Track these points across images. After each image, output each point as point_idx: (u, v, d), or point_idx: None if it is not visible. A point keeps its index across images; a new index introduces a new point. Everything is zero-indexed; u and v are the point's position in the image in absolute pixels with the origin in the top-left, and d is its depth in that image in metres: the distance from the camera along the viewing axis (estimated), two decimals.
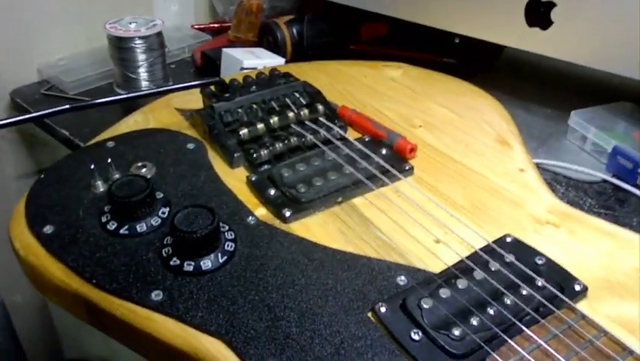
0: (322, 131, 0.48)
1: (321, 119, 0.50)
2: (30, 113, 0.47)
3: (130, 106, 0.57)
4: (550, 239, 0.38)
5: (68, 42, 0.80)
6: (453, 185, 0.44)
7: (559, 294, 0.33)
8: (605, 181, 0.54)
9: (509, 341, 0.30)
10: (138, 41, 0.68)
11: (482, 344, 0.30)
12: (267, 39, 0.78)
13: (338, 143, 0.46)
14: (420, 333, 0.31)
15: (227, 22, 0.89)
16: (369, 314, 0.33)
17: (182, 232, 0.35)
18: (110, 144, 0.48)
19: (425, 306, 0.32)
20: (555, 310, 0.32)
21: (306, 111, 0.49)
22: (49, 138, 0.69)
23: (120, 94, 0.71)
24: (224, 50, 0.72)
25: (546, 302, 0.32)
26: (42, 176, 0.44)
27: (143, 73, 0.71)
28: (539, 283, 0.33)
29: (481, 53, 0.76)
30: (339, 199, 0.41)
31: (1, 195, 0.76)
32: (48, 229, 0.39)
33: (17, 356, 0.71)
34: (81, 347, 0.91)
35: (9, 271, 0.47)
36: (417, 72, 0.61)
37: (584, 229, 0.39)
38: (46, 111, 0.43)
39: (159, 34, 0.70)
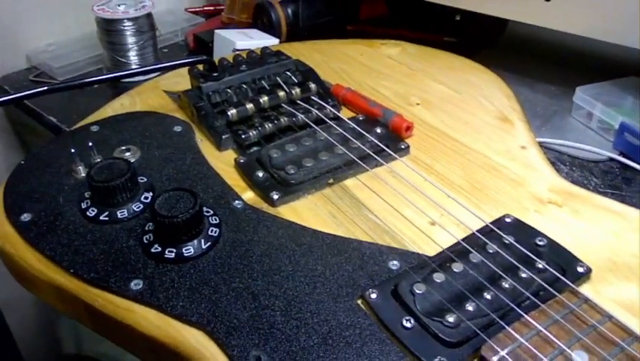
0: (314, 111, 0.46)
1: (313, 98, 0.48)
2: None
3: (121, 90, 0.55)
4: (553, 219, 0.36)
5: (58, 27, 0.78)
6: (451, 164, 0.41)
7: (560, 277, 0.31)
8: (611, 160, 0.52)
9: (507, 327, 0.28)
10: (127, 23, 0.66)
11: (478, 331, 0.28)
12: (261, 20, 0.75)
13: (331, 122, 0.44)
14: (412, 320, 0.29)
15: (222, 4, 0.86)
16: (359, 301, 0.31)
17: (162, 216, 0.33)
18: (94, 128, 0.46)
19: (418, 292, 0.30)
20: (556, 294, 0.30)
21: (297, 90, 0.47)
22: (40, 127, 0.67)
23: None
24: (217, 31, 0.70)
25: (547, 286, 0.30)
26: (22, 162, 0.43)
27: (133, 56, 0.69)
28: (540, 266, 0.31)
29: (483, 30, 0.74)
30: (331, 181, 0.39)
31: None
32: (25, 217, 0.37)
33: (9, 351, 0.70)
34: (79, 341, 0.90)
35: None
36: (415, 49, 0.59)
37: (588, 209, 0.37)
38: (25, 93, 0.41)
39: (149, 15, 0.68)
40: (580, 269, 0.32)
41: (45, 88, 0.41)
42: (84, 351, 0.89)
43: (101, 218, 0.37)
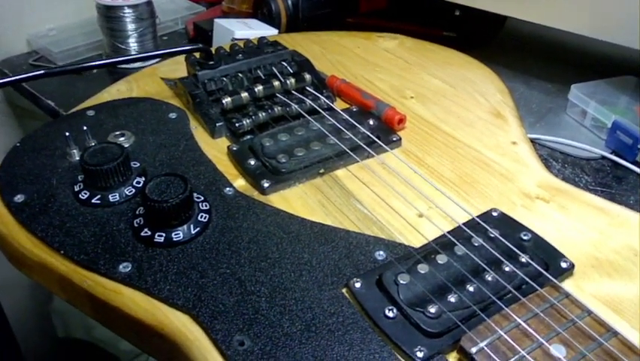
0: (308, 101, 0.46)
1: (308, 88, 0.48)
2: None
3: (119, 76, 0.55)
4: (540, 215, 0.36)
5: (59, 12, 0.78)
6: (441, 157, 0.42)
7: (543, 271, 0.31)
8: (603, 158, 0.52)
9: (487, 319, 0.28)
10: (127, 10, 0.66)
11: (458, 322, 0.29)
12: (261, 10, 0.75)
13: (324, 113, 0.45)
14: (394, 310, 0.30)
15: None
16: (344, 290, 0.31)
17: (152, 201, 0.34)
18: (90, 112, 0.47)
19: (402, 282, 0.31)
20: (538, 288, 0.30)
21: (292, 80, 0.47)
22: (39, 111, 0.67)
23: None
24: (216, 20, 0.70)
25: (529, 280, 0.31)
26: (17, 144, 0.43)
27: (132, 43, 0.69)
28: (523, 260, 0.32)
29: (482, 26, 0.74)
30: (321, 170, 0.40)
31: None
32: (19, 198, 0.38)
33: (4, 333, 0.71)
34: (73, 326, 0.91)
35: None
36: (412, 43, 0.59)
37: (574, 205, 0.37)
38: (23, 76, 0.42)
39: (149, 2, 0.68)
40: (563, 264, 0.32)
41: (43, 72, 0.41)
42: (78, 335, 0.90)
43: (93, 201, 0.37)
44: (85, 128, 0.42)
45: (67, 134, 0.41)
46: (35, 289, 0.90)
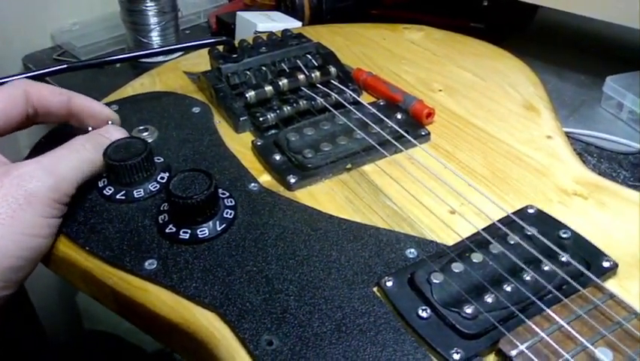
0: (334, 95, 0.45)
1: (333, 81, 0.47)
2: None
3: (142, 71, 0.55)
4: (578, 211, 0.35)
5: (82, 7, 0.78)
6: (472, 152, 0.40)
7: (585, 271, 0.30)
8: None
9: (527, 321, 0.27)
10: (149, 3, 0.66)
11: (496, 323, 0.27)
12: (284, 3, 0.74)
13: (350, 107, 0.43)
14: (428, 310, 0.28)
15: None
16: (375, 289, 0.30)
17: (177, 197, 0.33)
18: (114, 106, 0.46)
19: (435, 281, 0.29)
20: (580, 288, 0.29)
21: (317, 73, 0.46)
22: None
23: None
24: (239, 13, 0.69)
25: (570, 280, 0.29)
26: (42, 139, 0.43)
27: (155, 37, 0.68)
28: (563, 259, 0.30)
29: (511, 16, 0.72)
30: (348, 166, 0.39)
31: None
32: None
33: (34, 326, 0.71)
34: (99, 318, 0.91)
35: None
36: (439, 35, 0.57)
37: (615, 201, 0.36)
38: (46, 70, 0.41)
39: None
40: (605, 264, 0.31)
41: (65, 66, 0.41)
42: (104, 328, 0.90)
43: (118, 197, 0.36)
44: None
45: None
46: (62, 283, 0.91)
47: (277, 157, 0.39)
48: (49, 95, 0.38)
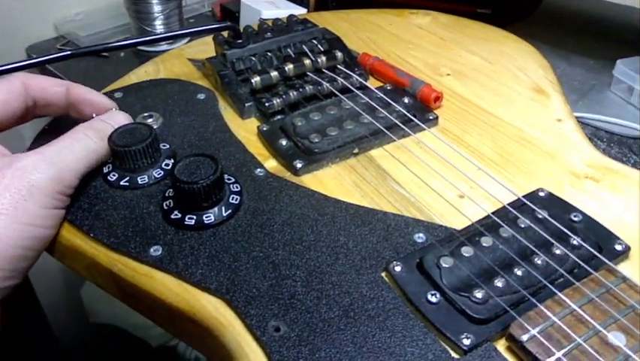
0: (340, 80, 0.44)
1: (339, 66, 0.46)
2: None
3: (146, 59, 0.54)
4: (589, 194, 0.34)
5: None
6: (481, 136, 0.40)
7: (597, 254, 0.29)
8: None
9: (538, 305, 0.27)
10: None
11: (507, 308, 0.27)
12: None
13: (357, 91, 0.43)
14: (438, 295, 0.28)
15: None
16: (383, 274, 0.30)
17: (182, 182, 0.32)
18: (118, 94, 0.46)
19: (444, 265, 0.29)
20: (592, 271, 0.28)
21: (323, 58, 0.46)
22: None
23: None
24: (243, 0, 0.69)
25: (582, 263, 0.29)
26: (46, 127, 0.43)
27: (159, 25, 0.68)
28: (575, 242, 0.30)
29: (518, 1, 0.71)
30: (356, 150, 0.38)
31: None
32: None
33: (38, 318, 0.71)
34: (103, 311, 0.91)
35: None
36: (446, 19, 0.56)
37: (627, 184, 0.35)
38: (48, 57, 0.41)
39: None
40: (618, 247, 0.30)
41: (69, 52, 0.40)
42: (109, 321, 0.90)
43: (122, 183, 0.36)
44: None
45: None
46: (67, 275, 0.91)
47: (283, 142, 0.39)
48: (48, 87, 0.38)
